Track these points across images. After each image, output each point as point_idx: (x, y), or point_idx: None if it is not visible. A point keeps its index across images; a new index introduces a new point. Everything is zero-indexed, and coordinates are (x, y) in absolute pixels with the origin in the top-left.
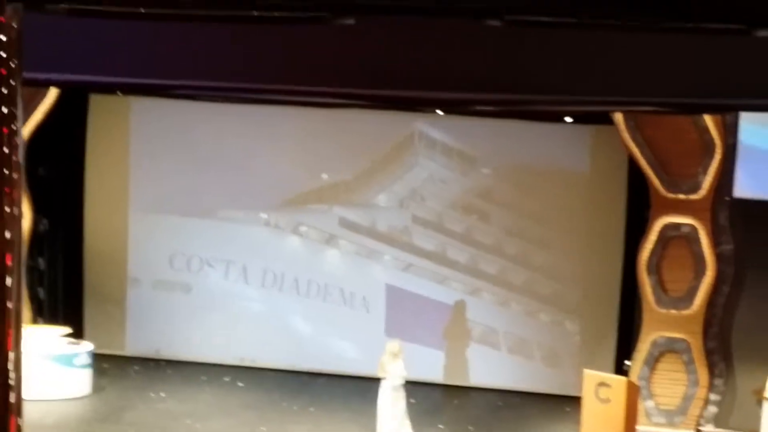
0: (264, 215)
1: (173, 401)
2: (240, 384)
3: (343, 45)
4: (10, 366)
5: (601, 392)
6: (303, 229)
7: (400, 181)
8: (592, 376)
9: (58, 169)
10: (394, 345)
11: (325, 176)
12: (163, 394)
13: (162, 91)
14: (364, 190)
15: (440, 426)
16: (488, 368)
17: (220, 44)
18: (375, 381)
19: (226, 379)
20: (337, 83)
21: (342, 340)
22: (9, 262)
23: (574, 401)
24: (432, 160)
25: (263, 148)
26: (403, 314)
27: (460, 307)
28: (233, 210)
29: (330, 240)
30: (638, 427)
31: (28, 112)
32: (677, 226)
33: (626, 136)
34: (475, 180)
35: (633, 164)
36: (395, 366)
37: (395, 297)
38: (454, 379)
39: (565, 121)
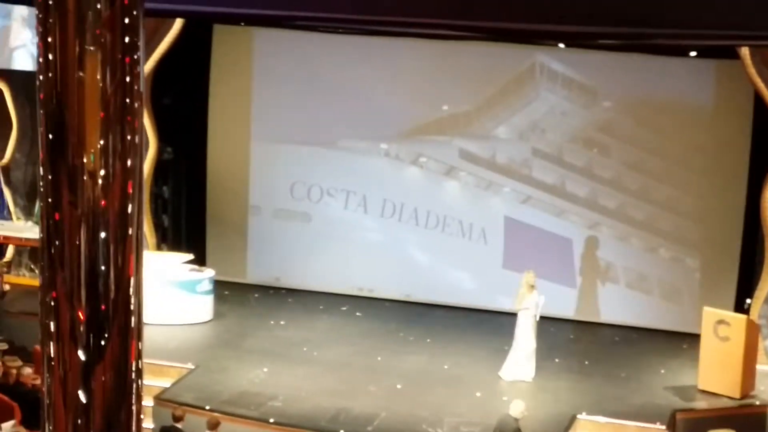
0: (384, 146)
1: (291, 329)
2: (357, 314)
3: None
4: (131, 291)
5: (720, 330)
6: (423, 160)
7: (520, 113)
8: (711, 313)
9: (182, 99)
10: (530, 276)
11: (445, 107)
12: (282, 322)
13: (284, 23)
14: (485, 122)
15: (556, 360)
16: (607, 304)
17: None
18: (491, 313)
19: (344, 308)
20: (458, 16)
21: (459, 271)
22: (130, 190)
23: (693, 338)
24: (553, 92)
25: (383, 79)
26: (521, 247)
27: (587, 242)
28: (354, 140)
29: (449, 171)
30: (758, 366)
31: (154, 43)
32: None
33: (752, 71)
34: (596, 113)
35: (758, 100)
36: (532, 297)
37: (513, 229)
38: (571, 314)
39: (689, 55)
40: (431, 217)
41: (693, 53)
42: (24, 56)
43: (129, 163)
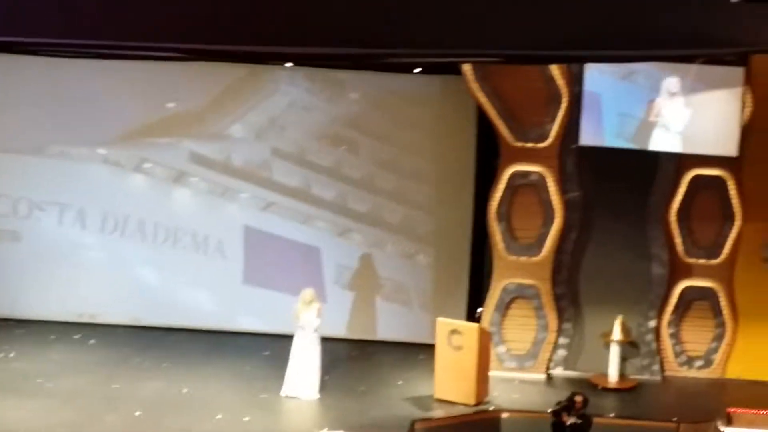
0: (102, 151)
1: (23, 360)
2: (91, 341)
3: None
4: None
5: (453, 339)
6: (147, 165)
7: (256, 109)
8: (444, 323)
9: None
10: (307, 293)
11: (171, 105)
12: (12, 354)
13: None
14: (217, 120)
15: None
16: (344, 317)
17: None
18: (232, 334)
19: (76, 336)
20: (179, 39)
21: (196, 289)
22: None
23: (428, 348)
24: (293, 85)
25: (96, 73)
26: (264, 259)
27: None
28: (65, 145)
29: (179, 177)
30: (491, 373)
31: None
32: (525, 174)
33: (474, 86)
34: (343, 107)
35: (482, 114)
36: (309, 314)
37: (254, 240)
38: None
39: (413, 72)
40: (160, 230)
41: (417, 70)
42: None
43: None
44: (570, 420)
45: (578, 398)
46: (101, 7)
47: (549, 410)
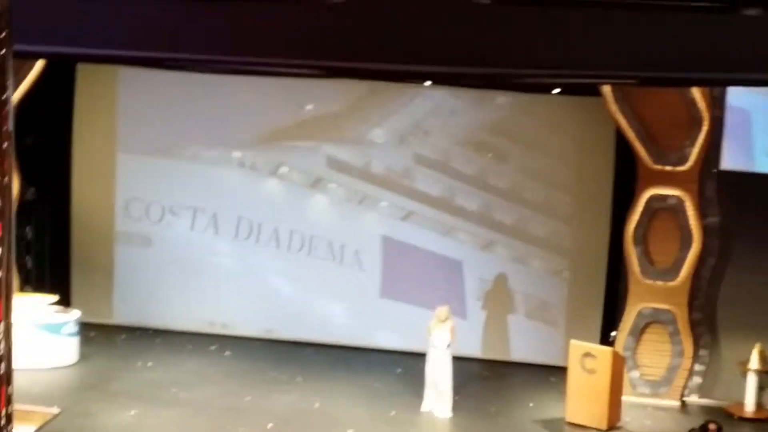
0: (237, 154)
1: (159, 370)
2: (226, 353)
3: (332, 20)
4: (0, 336)
5: (586, 362)
6: (284, 170)
7: (399, 113)
8: (578, 346)
9: (45, 138)
10: (442, 310)
11: (309, 107)
12: (150, 363)
13: (147, 63)
14: (357, 124)
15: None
16: (471, 336)
17: (197, 19)
18: (367, 351)
19: (212, 347)
20: (322, 57)
21: (330, 302)
22: (0, 232)
23: (560, 371)
24: (438, 87)
25: (235, 77)
26: (402, 271)
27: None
28: (200, 149)
29: (316, 183)
30: (623, 398)
31: (16, 81)
32: (664, 197)
33: (614, 108)
34: (489, 112)
35: (620, 136)
36: (441, 331)
37: (393, 251)
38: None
39: (552, 93)
40: (295, 237)
41: (556, 90)
42: None
43: None
44: None
45: (712, 426)
46: (243, 25)
47: None
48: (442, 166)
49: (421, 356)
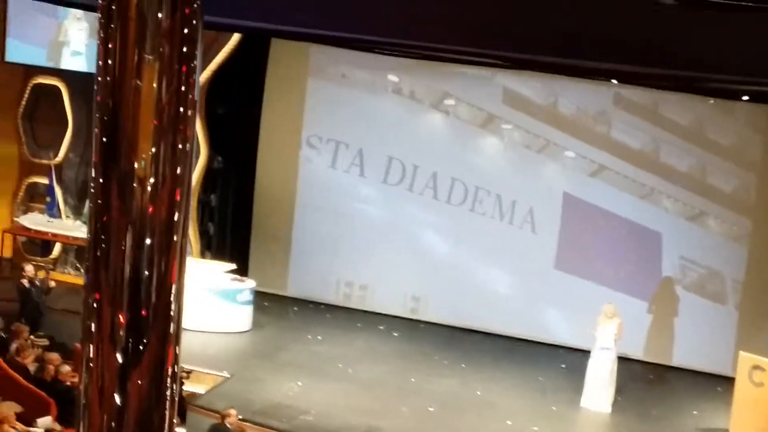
0: (393, 78)
1: (327, 344)
2: (395, 333)
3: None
4: (172, 297)
5: (755, 375)
6: (449, 103)
7: None
8: (747, 358)
9: (236, 110)
10: (609, 307)
11: None
12: (319, 337)
13: (339, 43)
14: None
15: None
16: (640, 338)
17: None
18: (532, 343)
19: (381, 327)
20: (510, 48)
21: (493, 269)
22: (178, 198)
23: (727, 381)
24: None
25: None
26: (584, 240)
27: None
28: (349, 67)
29: (488, 122)
30: None
31: (212, 53)
32: None
33: None
34: None
35: None
36: (607, 327)
37: (575, 213)
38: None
39: (741, 99)
40: (457, 188)
41: (745, 98)
42: (76, 56)
43: (178, 171)
44: None
45: None
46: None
47: None
48: (649, 111)
49: (587, 353)
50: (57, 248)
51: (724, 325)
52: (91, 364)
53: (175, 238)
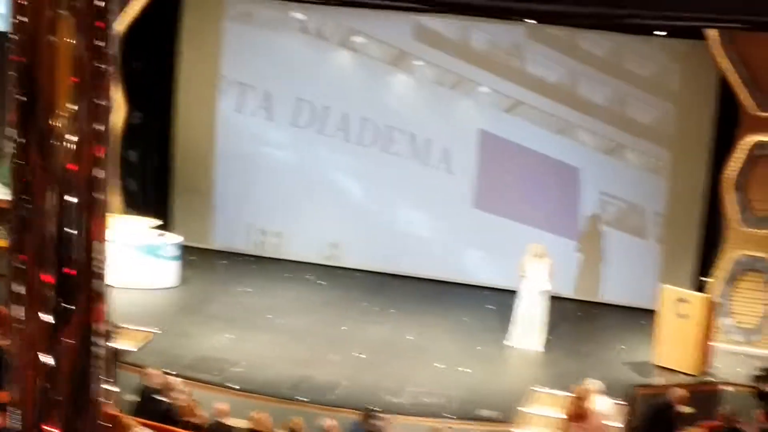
0: (299, 16)
1: (256, 296)
2: (322, 282)
3: None
4: (99, 255)
5: (679, 308)
6: (358, 41)
7: None
8: (670, 291)
9: (152, 64)
10: (538, 247)
11: None
12: (248, 289)
13: None
14: None
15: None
16: (566, 277)
17: None
18: (459, 285)
19: (308, 276)
20: None
21: (411, 211)
22: (99, 154)
23: (652, 314)
24: None
25: None
26: (502, 177)
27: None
28: (252, 5)
29: (399, 60)
30: (715, 344)
31: (125, 6)
32: (766, 145)
33: (719, 52)
34: None
35: (724, 81)
36: (534, 268)
37: (492, 150)
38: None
39: (656, 35)
40: (368, 128)
41: (661, 33)
42: None
43: (99, 127)
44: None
45: None
46: None
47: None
48: (564, 44)
49: (512, 293)
50: None
51: (647, 259)
52: (19, 326)
53: (98, 195)
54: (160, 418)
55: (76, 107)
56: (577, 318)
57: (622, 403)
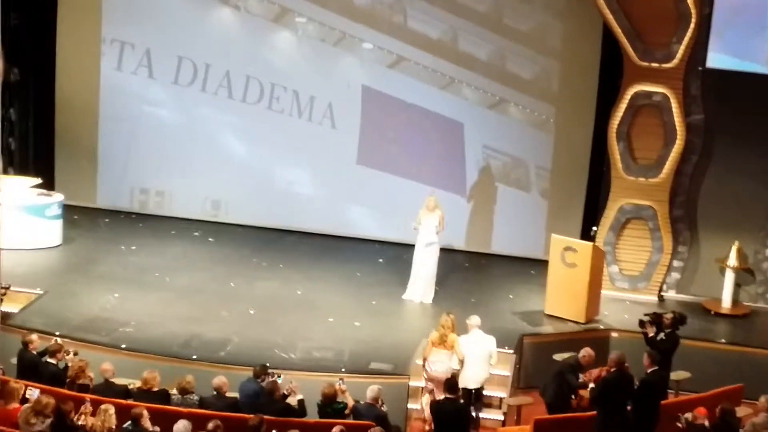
0: None
1: (143, 254)
2: (210, 239)
3: None
4: None
5: (567, 256)
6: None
7: None
8: (558, 240)
9: (29, 18)
10: (431, 199)
11: None
12: (133, 247)
13: None
14: None
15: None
16: (456, 230)
17: None
18: (349, 239)
19: (196, 233)
20: None
21: (294, 169)
22: None
23: (540, 264)
24: None
25: None
26: (386, 134)
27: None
28: None
29: (280, 16)
30: (602, 292)
31: None
32: (649, 94)
33: (601, 2)
34: None
35: (607, 31)
36: (428, 219)
37: (375, 107)
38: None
39: None
40: (252, 85)
41: None
42: None
43: None
44: (653, 333)
45: (668, 315)
46: None
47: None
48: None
49: (403, 246)
50: None
51: (534, 211)
52: None
53: None
54: (48, 380)
55: None
56: (467, 269)
57: (510, 351)
